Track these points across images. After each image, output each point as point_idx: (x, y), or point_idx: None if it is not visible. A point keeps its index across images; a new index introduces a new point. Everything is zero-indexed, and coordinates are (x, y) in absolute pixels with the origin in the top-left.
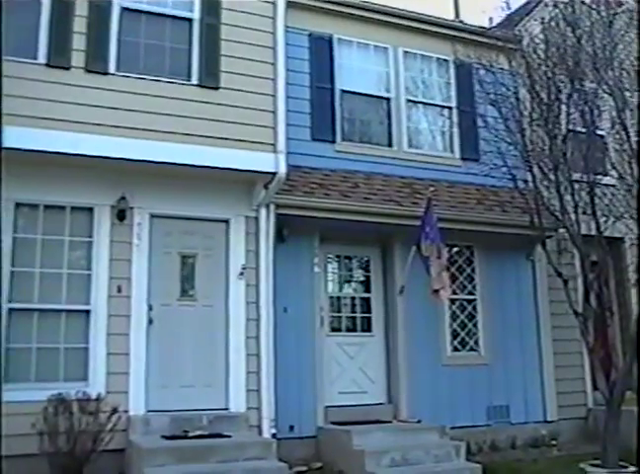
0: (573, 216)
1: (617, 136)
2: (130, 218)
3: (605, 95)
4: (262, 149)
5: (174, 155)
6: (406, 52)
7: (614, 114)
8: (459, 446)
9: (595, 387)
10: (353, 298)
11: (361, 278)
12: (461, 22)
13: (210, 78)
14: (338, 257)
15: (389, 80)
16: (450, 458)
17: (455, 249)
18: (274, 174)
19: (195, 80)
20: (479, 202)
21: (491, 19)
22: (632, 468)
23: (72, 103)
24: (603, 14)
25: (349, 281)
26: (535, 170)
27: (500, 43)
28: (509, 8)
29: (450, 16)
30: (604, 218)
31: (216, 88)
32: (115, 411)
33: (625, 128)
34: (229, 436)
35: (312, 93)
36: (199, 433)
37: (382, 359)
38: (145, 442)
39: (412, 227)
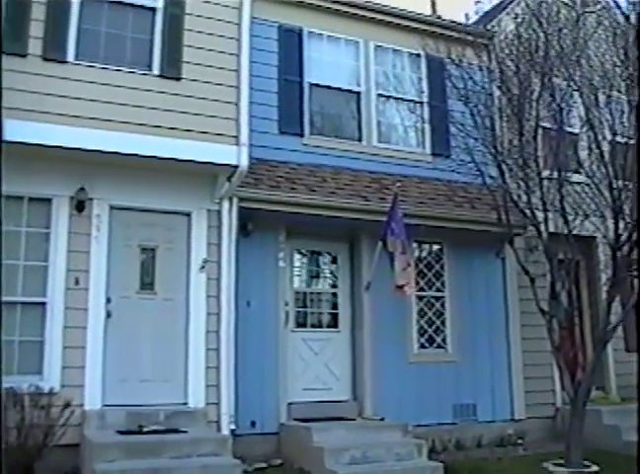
0: (542, 214)
1: (587, 135)
2: (89, 210)
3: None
4: (224, 141)
5: (134, 146)
6: (377, 46)
7: (582, 110)
8: (421, 445)
9: (563, 386)
10: (319, 294)
11: (329, 274)
12: (439, 17)
13: (172, 69)
14: (305, 252)
15: (359, 74)
16: (412, 457)
17: (424, 245)
18: (236, 167)
19: (156, 70)
20: (449, 199)
21: (467, 15)
22: (595, 467)
23: (29, 91)
24: (573, 13)
25: (315, 277)
26: (504, 166)
27: (472, 39)
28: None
29: (427, 12)
30: (574, 216)
31: (178, 79)
32: (67, 405)
33: (592, 127)
34: (185, 432)
35: (280, 86)
36: (154, 428)
37: (348, 356)
38: (97, 437)
39: (379, 223)
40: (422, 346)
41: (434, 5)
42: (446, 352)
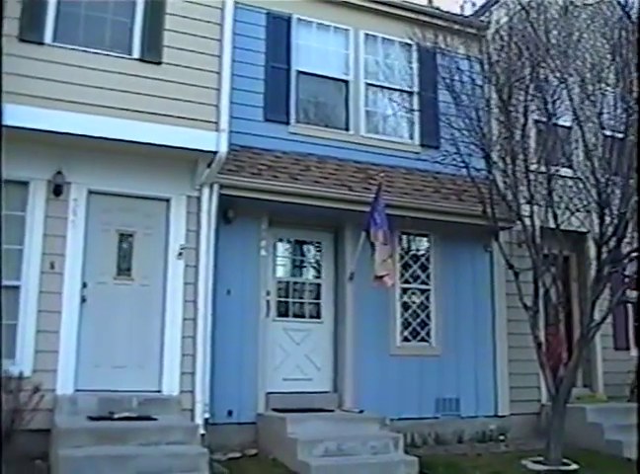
0: (528, 208)
1: (574, 128)
2: (67, 194)
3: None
4: (203, 127)
5: (112, 130)
6: (367, 35)
7: (569, 104)
8: (398, 438)
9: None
10: (302, 284)
11: (312, 264)
12: (437, 8)
13: (153, 53)
14: (288, 241)
15: (348, 62)
16: (388, 450)
17: (410, 237)
18: (215, 153)
19: (136, 54)
20: (436, 191)
21: (462, 7)
22: (574, 466)
23: (5, 72)
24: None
25: (299, 266)
26: (492, 159)
27: (462, 28)
28: None
29: (423, 3)
30: (565, 212)
31: (158, 63)
32: (36, 390)
33: (579, 120)
34: (156, 420)
35: (267, 73)
36: (125, 414)
37: (330, 347)
38: (64, 422)
39: (364, 213)
40: (405, 338)
41: None
42: (430, 345)
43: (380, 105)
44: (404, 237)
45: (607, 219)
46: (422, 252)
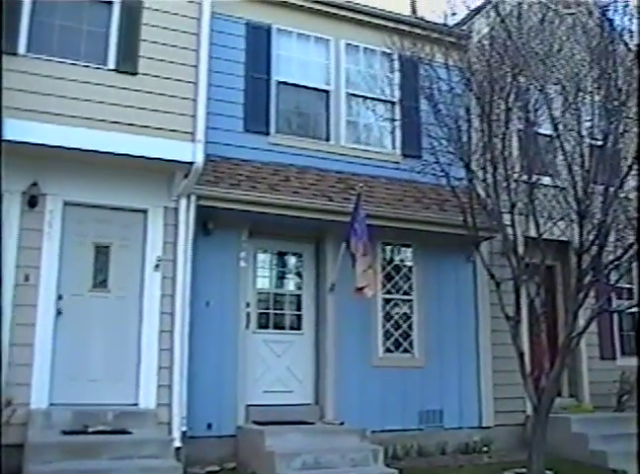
0: (509, 217)
1: (553, 137)
2: (42, 205)
3: (555, 95)
4: (179, 138)
5: (88, 141)
6: (348, 45)
7: (552, 112)
8: (377, 451)
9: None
10: (283, 295)
11: (293, 275)
12: (421, 18)
13: (128, 63)
14: (269, 252)
15: (329, 72)
16: (367, 463)
17: (392, 247)
18: (191, 163)
19: (111, 65)
20: (417, 200)
21: (445, 17)
22: None
23: None
24: (550, 14)
25: (280, 278)
26: (473, 168)
27: (442, 37)
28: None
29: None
30: (547, 221)
31: (134, 73)
32: (8, 404)
33: (557, 129)
34: (130, 433)
35: (247, 83)
36: (100, 428)
37: (311, 359)
38: (36, 437)
39: (345, 223)
40: (387, 350)
41: (414, 8)
42: (413, 356)
43: (361, 114)
44: (386, 247)
45: (588, 227)
46: (404, 262)
